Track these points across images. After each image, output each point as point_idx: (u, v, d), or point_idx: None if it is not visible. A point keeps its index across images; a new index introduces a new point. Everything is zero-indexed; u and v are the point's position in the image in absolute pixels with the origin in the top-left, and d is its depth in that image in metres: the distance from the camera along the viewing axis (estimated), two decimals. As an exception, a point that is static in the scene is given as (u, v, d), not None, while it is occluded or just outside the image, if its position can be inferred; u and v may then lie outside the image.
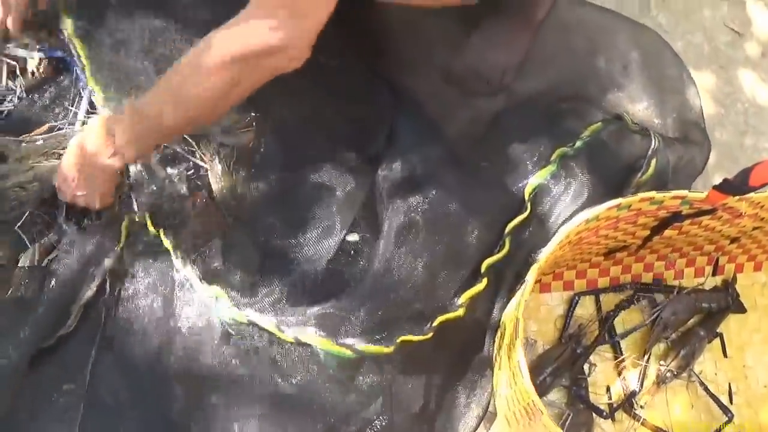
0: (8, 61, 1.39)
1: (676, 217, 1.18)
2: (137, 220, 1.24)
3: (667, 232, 1.24)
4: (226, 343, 1.15)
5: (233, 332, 1.14)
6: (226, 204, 1.27)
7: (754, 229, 1.31)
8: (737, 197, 1.10)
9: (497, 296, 1.28)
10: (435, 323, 1.18)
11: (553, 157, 1.33)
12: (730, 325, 1.44)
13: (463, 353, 1.28)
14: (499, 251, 1.26)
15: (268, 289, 1.17)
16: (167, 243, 1.20)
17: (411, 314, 1.18)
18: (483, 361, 1.27)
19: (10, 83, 1.39)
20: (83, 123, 1.35)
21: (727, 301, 1.41)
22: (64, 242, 1.22)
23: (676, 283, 1.42)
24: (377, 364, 1.15)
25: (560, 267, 1.37)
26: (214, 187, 1.29)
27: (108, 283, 1.20)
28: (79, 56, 1.35)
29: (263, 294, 1.16)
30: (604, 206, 1.09)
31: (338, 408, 1.14)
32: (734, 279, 1.44)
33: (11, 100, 1.38)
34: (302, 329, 1.11)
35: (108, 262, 1.20)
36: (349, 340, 1.12)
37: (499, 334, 1.23)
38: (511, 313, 1.16)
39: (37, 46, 1.40)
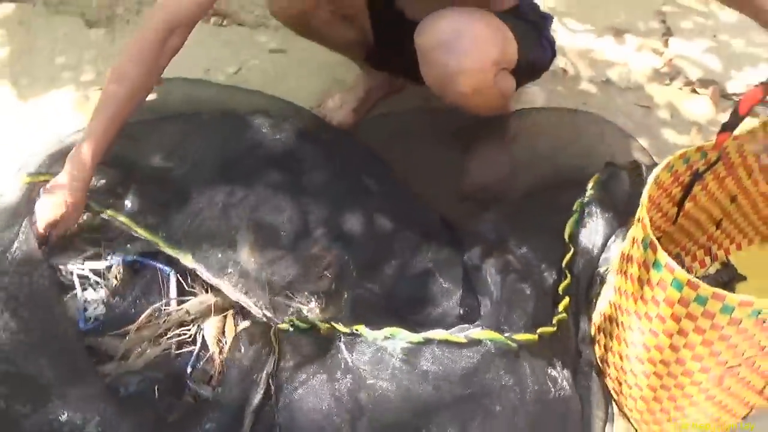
0: (85, 275, 1.52)
1: (695, 176, 1.42)
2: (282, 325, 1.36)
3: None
4: (410, 367, 1.27)
5: (407, 356, 1.27)
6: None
7: (732, 201, 1.57)
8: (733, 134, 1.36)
9: (579, 317, 1.49)
10: (554, 320, 1.40)
11: (575, 207, 1.59)
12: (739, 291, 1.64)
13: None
14: (564, 280, 1.49)
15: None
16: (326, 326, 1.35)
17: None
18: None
19: (94, 294, 1.51)
20: (178, 302, 1.48)
21: (730, 274, 1.65)
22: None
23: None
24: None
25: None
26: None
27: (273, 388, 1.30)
28: (159, 253, 1.51)
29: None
30: (660, 166, 1.31)
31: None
32: (728, 259, 1.70)
33: (96, 308, 1.49)
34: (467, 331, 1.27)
35: (269, 368, 1.30)
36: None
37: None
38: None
39: (109, 256, 1.54)
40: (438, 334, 1.31)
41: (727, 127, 1.31)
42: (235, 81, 2.11)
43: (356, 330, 1.33)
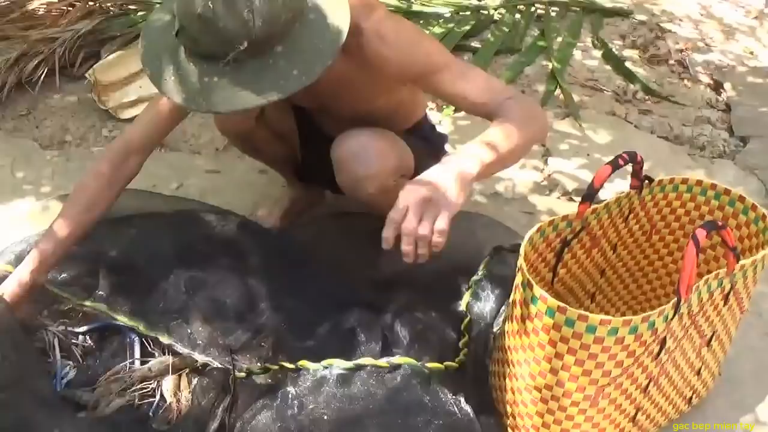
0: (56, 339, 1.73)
1: (564, 244, 1.72)
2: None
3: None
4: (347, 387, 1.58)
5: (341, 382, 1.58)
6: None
7: (602, 275, 1.88)
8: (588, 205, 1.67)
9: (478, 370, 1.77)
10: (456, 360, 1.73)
11: (470, 284, 1.91)
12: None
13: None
14: (463, 338, 1.80)
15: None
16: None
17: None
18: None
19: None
20: (141, 362, 1.71)
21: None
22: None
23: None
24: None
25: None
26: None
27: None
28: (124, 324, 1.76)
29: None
30: (532, 230, 1.61)
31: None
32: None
33: (68, 371, 1.69)
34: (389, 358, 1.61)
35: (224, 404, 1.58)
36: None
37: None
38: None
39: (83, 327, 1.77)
40: (366, 360, 1.61)
41: (586, 198, 1.64)
42: (177, 195, 2.41)
43: (300, 365, 1.62)
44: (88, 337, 1.76)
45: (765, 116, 2.99)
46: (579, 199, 2.48)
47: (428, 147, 2.04)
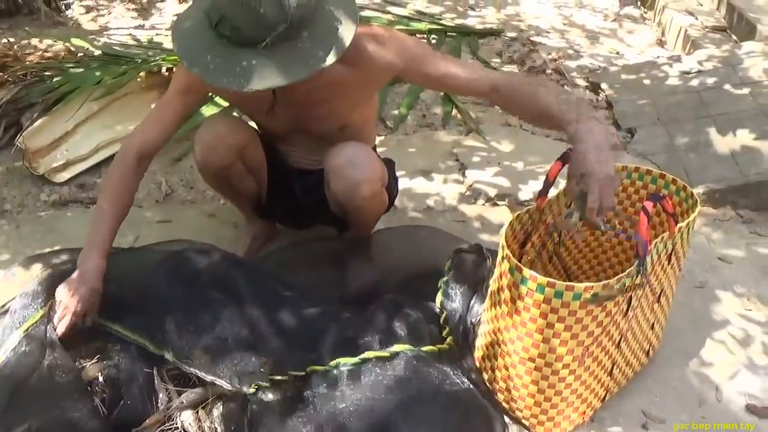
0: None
1: (526, 236, 1.97)
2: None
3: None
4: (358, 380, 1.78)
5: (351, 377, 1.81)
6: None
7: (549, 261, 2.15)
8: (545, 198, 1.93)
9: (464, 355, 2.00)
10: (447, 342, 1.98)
11: (440, 284, 2.12)
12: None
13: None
14: (444, 329, 2.03)
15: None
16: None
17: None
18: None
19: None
20: (168, 398, 1.83)
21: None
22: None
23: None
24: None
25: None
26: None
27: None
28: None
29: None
30: (509, 221, 1.85)
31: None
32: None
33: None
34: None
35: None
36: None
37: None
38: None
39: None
40: (369, 354, 1.83)
41: (542, 193, 1.89)
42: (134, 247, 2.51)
43: (310, 370, 1.81)
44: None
45: (644, 107, 3.37)
46: (503, 203, 2.81)
47: (386, 167, 2.25)
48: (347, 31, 1.77)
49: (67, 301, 1.87)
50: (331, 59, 1.73)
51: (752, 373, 2.05)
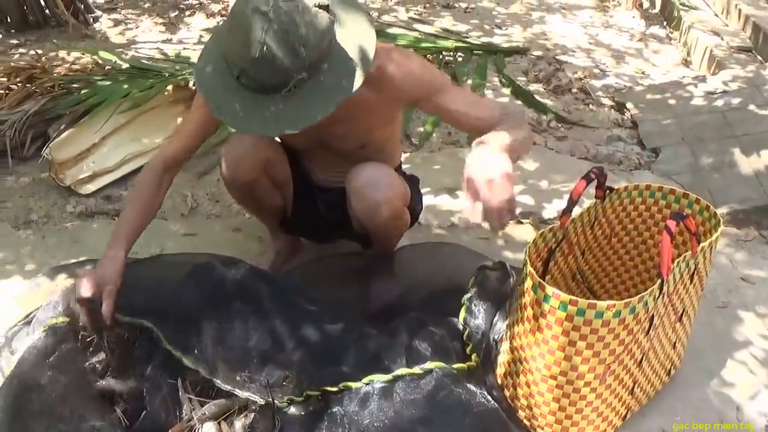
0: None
1: (550, 253, 1.98)
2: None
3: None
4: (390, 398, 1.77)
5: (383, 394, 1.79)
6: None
7: (573, 279, 2.15)
8: (569, 217, 1.94)
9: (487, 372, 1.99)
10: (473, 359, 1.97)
11: (463, 301, 2.12)
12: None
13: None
14: (467, 346, 2.02)
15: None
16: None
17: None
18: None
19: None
20: (192, 409, 1.83)
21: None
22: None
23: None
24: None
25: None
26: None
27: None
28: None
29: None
30: (533, 237, 1.86)
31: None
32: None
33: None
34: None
35: None
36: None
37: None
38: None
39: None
40: (402, 371, 1.83)
41: (566, 212, 1.89)
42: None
43: (343, 386, 1.81)
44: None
45: (669, 127, 3.37)
46: (527, 221, 2.81)
47: (410, 184, 2.27)
48: (367, 55, 1.78)
49: (84, 277, 1.88)
50: (356, 85, 1.75)
51: (774, 394, 2.04)
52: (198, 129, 2.07)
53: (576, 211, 1.92)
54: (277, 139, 2.30)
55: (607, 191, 2.02)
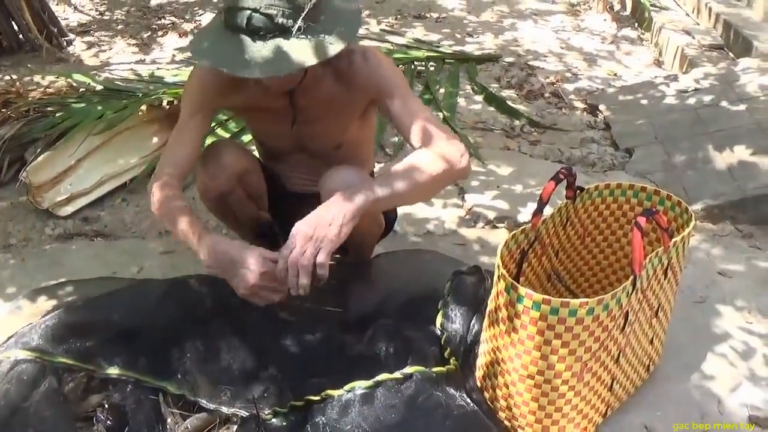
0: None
1: (522, 254, 1.99)
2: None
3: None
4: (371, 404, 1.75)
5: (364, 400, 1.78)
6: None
7: (548, 280, 2.17)
8: (540, 217, 1.95)
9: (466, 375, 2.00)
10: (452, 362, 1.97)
11: (439, 306, 2.13)
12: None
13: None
14: (445, 350, 2.02)
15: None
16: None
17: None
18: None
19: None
20: (175, 423, 1.83)
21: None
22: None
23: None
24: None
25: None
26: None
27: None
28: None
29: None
30: (503, 241, 1.87)
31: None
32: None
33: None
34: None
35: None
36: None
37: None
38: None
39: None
40: (383, 376, 1.83)
41: (537, 212, 1.91)
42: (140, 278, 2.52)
43: (325, 394, 1.81)
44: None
45: (642, 127, 3.40)
46: (502, 225, 2.83)
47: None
48: (353, 28, 1.86)
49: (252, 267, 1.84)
50: (338, 49, 1.79)
51: (754, 385, 2.05)
52: (196, 134, 2.06)
53: (548, 211, 1.94)
54: (254, 149, 2.31)
55: (578, 191, 2.03)
